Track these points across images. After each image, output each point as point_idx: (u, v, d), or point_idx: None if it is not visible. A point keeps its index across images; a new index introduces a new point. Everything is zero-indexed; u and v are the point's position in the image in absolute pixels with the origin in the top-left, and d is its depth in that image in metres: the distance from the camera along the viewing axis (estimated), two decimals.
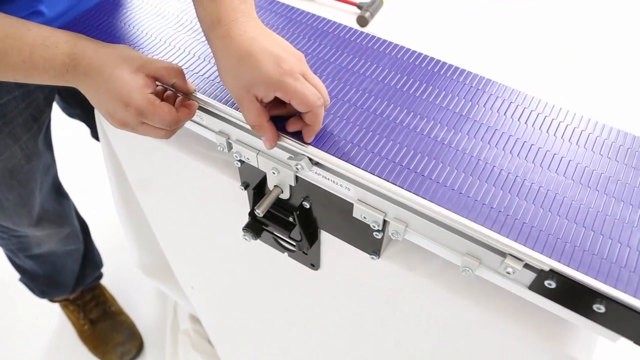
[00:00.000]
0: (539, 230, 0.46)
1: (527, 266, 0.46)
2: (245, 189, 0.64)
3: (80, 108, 1.00)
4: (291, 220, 0.62)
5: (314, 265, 0.68)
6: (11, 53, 0.50)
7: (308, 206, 0.58)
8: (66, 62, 0.51)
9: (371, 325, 0.70)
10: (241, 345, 0.98)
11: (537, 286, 0.47)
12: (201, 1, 0.52)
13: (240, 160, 0.59)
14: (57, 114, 0.99)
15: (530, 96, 0.57)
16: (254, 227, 0.64)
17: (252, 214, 0.65)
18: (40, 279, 1.10)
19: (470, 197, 0.48)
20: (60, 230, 1.02)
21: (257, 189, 0.62)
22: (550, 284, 0.45)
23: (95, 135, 1.11)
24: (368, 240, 0.57)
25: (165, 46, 0.63)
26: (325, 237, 0.64)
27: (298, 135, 0.52)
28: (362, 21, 0.83)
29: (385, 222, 0.53)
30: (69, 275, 1.12)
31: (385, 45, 0.63)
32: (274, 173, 0.56)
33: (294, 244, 0.64)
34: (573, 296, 0.45)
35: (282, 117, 0.53)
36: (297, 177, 0.56)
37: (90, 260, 1.15)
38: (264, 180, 0.61)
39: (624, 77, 0.72)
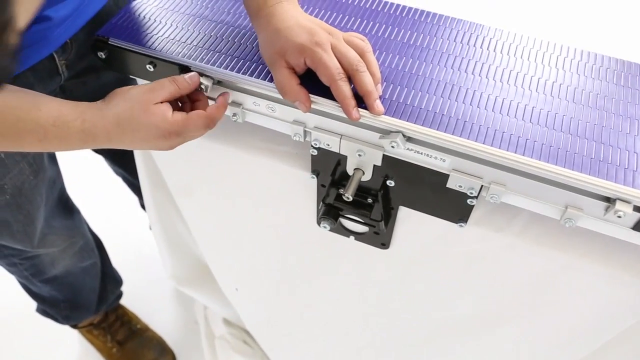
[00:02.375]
0: (632, 171, 0.49)
1: (635, 208, 0.48)
2: (317, 177, 0.63)
3: None
4: (369, 202, 0.62)
5: (385, 244, 0.69)
6: (25, 136, 0.50)
7: (393, 184, 0.59)
8: (82, 137, 0.52)
9: (443, 294, 0.71)
10: (293, 340, 0.98)
11: None
12: None
13: (317, 148, 0.59)
14: None
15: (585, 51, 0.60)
16: (332, 214, 0.63)
17: (325, 201, 0.64)
18: (61, 304, 1.05)
19: (568, 150, 0.50)
20: (73, 242, 0.97)
21: (333, 175, 0.61)
22: None
23: (97, 149, 1.06)
24: (458, 208, 0.58)
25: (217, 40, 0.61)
26: (400, 214, 0.64)
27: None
28: None
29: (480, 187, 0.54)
30: (90, 294, 1.07)
31: (435, 18, 0.63)
32: (359, 155, 0.56)
33: (374, 225, 0.64)
34: None
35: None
36: (383, 157, 0.56)
37: (109, 275, 1.10)
38: (337, 166, 0.61)
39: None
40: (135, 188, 1.15)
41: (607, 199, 0.50)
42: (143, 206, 1.21)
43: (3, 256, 0.88)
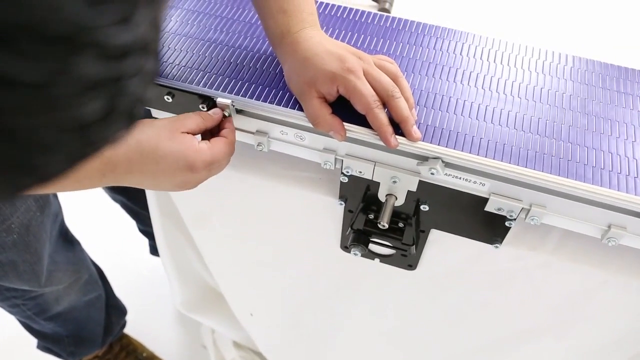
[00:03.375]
0: None
1: None
2: (345, 203, 0.61)
3: None
4: (399, 226, 0.61)
5: (412, 265, 0.67)
6: None
7: (427, 209, 0.57)
8: (101, 168, 0.47)
9: (472, 313, 0.70)
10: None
11: None
12: (272, 14, 0.54)
13: (347, 175, 0.57)
14: None
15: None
16: (362, 240, 0.62)
17: (353, 226, 0.62)
18: (65, 340, 1.00)
19: (612, 170, 0.50)
20: (78, 277, 0.93)
21: (363, 200, 0.60)
22: None
23: None
24: (494, 230, 0.57)
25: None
26: (430, 236, 0.63)
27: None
28: (385, 12, 0.82)
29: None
30: (96, 327, 1.03)
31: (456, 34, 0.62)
32: (394, 182, 0.54)
33: (405, 249, 0.63)
34: None
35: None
36: (419, 182, 0.54)
37: (114, 306, 1.06)
38: (366, 191, 0.59)
39: None
40: (134, 213, 1.11)
41: None
42: (142, 231, 1.18)
43: (4, 298, 0.84)
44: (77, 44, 0.17)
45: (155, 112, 0.63)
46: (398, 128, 0.51)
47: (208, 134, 0.55)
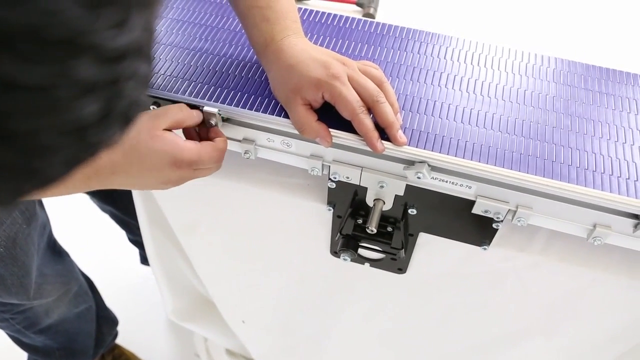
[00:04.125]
0: None
1: None
2: (333, 208, 0.61)
3: None
4: (388, 230, 0.61)
5: (402, 269, 0.67)
6: None
7: (415, 212, 0.58)
8: (86, 171, 0.46)
9: (462, 315, 0.71)
10: None
11: None
12: (256, 24, 0.54)
13: (335, 181, 0.57)
14: None
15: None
16: (351, 245, 0.62)
17: (342, 232, 0.63)
18: (56, 353, 0.99)
19: (595, 171, 0.50)
20: (68, 289, 0.92)
21: (351, 206, 0.60)
22: None
23: None
24: (482, 232, 0.57)
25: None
26: (419, 239, 0.63)
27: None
28: (370, 18, 0.83)
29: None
30: (87, 339, 1.02)
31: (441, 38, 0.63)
32: (381, 187, 0.55)
33: (394, 253, 0.63)
34: None
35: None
36: (406, 186, 0.54)
37: (105, 317, 1.05)
38: (354, 196, 0.59)
39: None
40: (124, 223, 1.11)
41: (636, 216, 0.50)
42: (132, 240, 1.17)
43: None
44: (76, 47, 0.18)
45: None
46: (384, 133, 0.51)
47: (198, 139, 0.55)
